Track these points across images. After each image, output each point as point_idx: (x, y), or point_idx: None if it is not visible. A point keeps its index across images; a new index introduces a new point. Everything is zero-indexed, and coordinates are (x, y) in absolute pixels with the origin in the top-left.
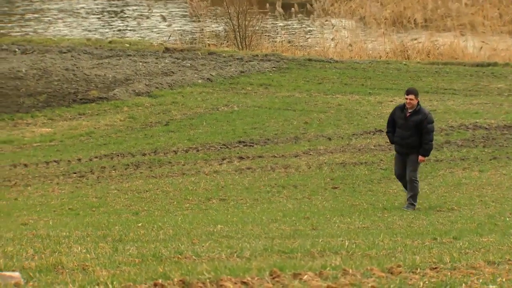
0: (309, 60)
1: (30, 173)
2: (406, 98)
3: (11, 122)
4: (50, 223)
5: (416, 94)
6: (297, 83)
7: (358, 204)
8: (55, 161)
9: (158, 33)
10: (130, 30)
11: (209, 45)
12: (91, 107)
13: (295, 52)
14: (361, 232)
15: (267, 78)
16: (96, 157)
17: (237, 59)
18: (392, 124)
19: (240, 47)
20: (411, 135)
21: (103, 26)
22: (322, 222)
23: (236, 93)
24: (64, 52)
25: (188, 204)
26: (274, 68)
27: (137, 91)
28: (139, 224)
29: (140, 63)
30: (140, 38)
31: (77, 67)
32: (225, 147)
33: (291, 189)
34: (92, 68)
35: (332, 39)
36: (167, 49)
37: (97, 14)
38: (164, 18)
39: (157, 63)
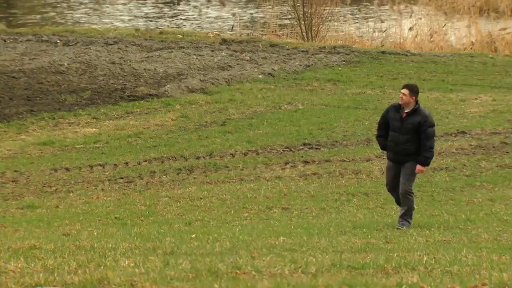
0: (383, 52)
1: (73, 178)
2: (400, 92)
3: (52, 121)
4: (95, 233)
5: (412, 90)
6: (369, 78)
7: (437, 214)
8: (100, 164)
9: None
10: (181, 19)
11: (273, 32)
12: (140, 105)
13: (368, 43)
14: (441, 246)
15: (335, 73)
16: (145, 161)
17: (302, 51)
18: (385, 127)
19: (306, 38)
20: (407, 140)
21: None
22: (397, 235)
23: (301, 89)
24: (110, 44)
25: (247, 214)
26: (343, 62)
27: (190, 87)
28: (193, 236)
29: (194, 56)
30: (192, 28)
31: (124, 61)
32: (288, 150)
33: (362, 197)
34: (141, 62)
35: (410, 29)
36: (224, 41)
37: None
38: (223, 4)
39: (212, 56)
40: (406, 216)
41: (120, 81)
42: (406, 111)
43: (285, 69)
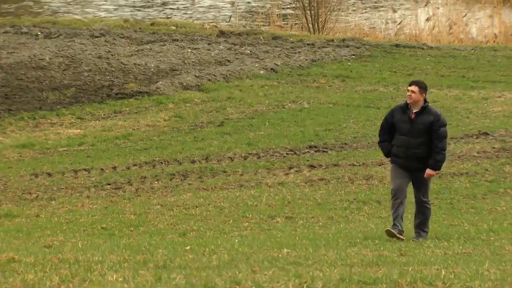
0: (397, 46)
1: (55, 184)
2: (407, 90)
3: (32, 121)
4: (79, 245)
5: (420, 86)
6: (382, 74)
7: (457, 224)
8: (85, 169)
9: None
10: (172, 9)
11: (275, 23)
12: (129, 104)
13: (380, 36)
14: (461, 259)
15: (344, 69)
16: (134, 165)
17: (308, 44)
18: (388, 130)
19: (312, 30)
20: (420, 143)
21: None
22: (412, 247)
23: (306, 86)
24: (97, 36)
25: (247, 223)
26: (353, 56)
27: (185, 84)
28: (187, 247)
29: (189, 50)
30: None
31: (112, 55)
32: (292, 153)
33: (374, 205)
34: (131, 56)
35: (427, 20)
36: (221, 33)
37: None
38: None
39: (209, 49)
40: (423, 226)
41: (108, 77)
42: (414, 111)
43: (289, 64)
